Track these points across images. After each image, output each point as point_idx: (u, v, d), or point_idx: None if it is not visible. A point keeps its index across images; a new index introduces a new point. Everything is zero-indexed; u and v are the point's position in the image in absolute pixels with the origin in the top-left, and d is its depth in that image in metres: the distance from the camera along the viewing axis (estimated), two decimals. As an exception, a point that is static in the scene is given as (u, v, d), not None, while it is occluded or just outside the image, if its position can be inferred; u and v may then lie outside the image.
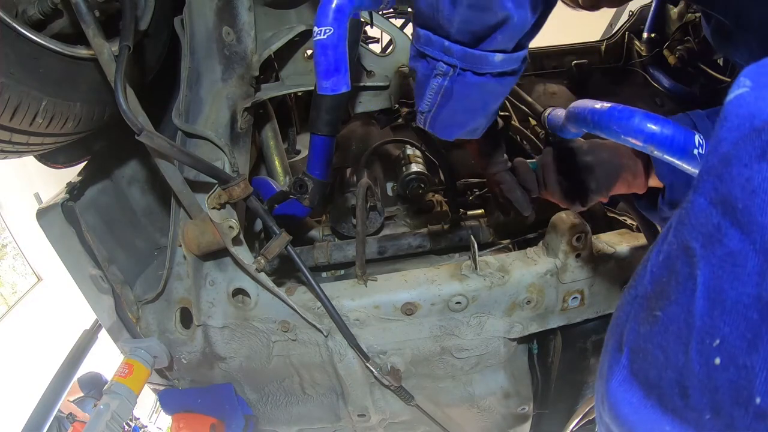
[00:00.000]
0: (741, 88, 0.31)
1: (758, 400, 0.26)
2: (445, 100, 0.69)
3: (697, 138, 0.56)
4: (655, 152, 0.58)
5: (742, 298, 0.28)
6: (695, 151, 0.56)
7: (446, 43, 0.63)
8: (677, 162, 0.57)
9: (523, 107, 1.74)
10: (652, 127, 0.58)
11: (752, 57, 0.81)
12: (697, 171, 0.58)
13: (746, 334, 0.27)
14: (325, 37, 0.75)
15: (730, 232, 0.29)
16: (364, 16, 1.09)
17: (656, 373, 0.32)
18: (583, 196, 0.90)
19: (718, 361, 0.28)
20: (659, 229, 1.03)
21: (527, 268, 1.10)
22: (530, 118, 1.74)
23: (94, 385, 4.16)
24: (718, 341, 0.28)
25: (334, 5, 0.74)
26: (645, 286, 0.35)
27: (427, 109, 0.72)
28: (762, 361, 0.26)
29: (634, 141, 0.60)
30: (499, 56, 0.64)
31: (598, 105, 0.65)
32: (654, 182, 0.89)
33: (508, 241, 1.31)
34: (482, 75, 0.66)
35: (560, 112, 0.87)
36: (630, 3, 2.55)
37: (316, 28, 0.75)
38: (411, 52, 0.70)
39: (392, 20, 1.47)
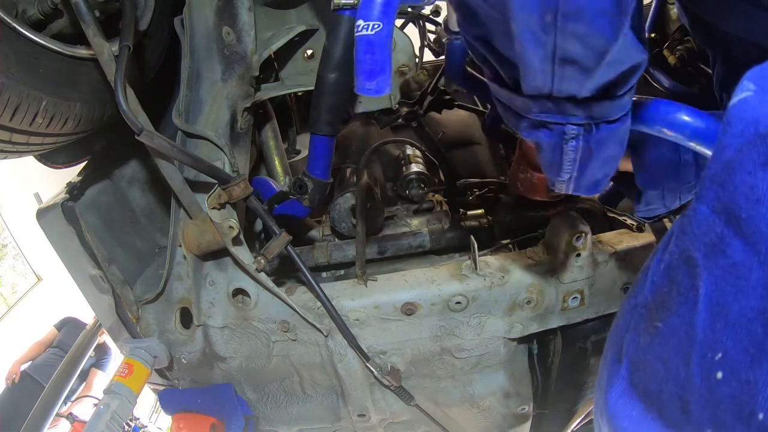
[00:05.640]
0: (745, 91, 0.30)
1: (761, 416, 0.26)
2: (585, 161, 0.62)
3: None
4: (698, 147, 0.59)
5: (746, 311, 0.27)
6: None
7: (568, 105, 0.55)
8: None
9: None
10: (696, 122, 0.58)
11: (729, 57, 0.81)
12: None
13: (749, 349, 0.26)
14: (373, 33, 0.69)
15: (733, 243, 0.28)
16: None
17: (656, 385, 0.31)
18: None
19: (720, 375, 0.27)
20: (667, 224, 1.04)
21: (527, 268, 1.10)
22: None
23: (65, 324, 4.16)
24: (720, 355, 0.28)
25: None
26: (645, 296, 0.34)
27: (568, 177, 0.66)
28: (765, 376, 0.26)
29: (675, 135, 0.60)
30: (627, 97, 0.57)
31: (636, 98, 0.65)
32: (621, 164, 0.91)
33: (508, 241, 1.31)
34: (617, 121, 0.59)
35: None
36: (630, 3, 2.55)
37: (361, 22, 0.69)
38: (520, 124, 0.62)
39: (392, 20, 1.47)
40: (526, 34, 0.48)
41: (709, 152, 0.58)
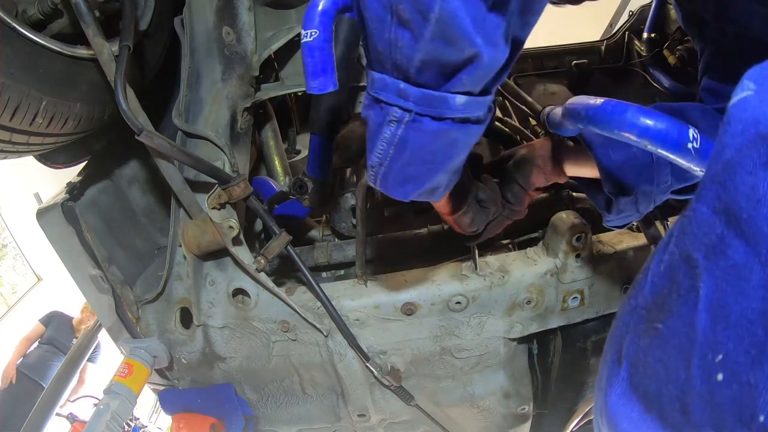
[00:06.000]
0: (745, 91, 0.30)
1: (762, 419, 0.25)
2: (398, 152, 0.60)
3: (691, 132, 0.56)
4: (649, 146, 0.58)
5: (747, 312, 0.27)
6: (689, 145, 0.56)
7: (402, 85, 0.54)
8: (671, 156, 0.57)
9: (523, 107, 1.74)
10: (646, 121, 0.57)
11: (720, 48, 0.81)
12: (691, 165, 0.57)
13: (750, 351, 0.26)
14: (311, 39, 0.75)
15: (734, 243, 0.28)
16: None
17: (656, 387, 0.31)
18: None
19: (720, 377, 0.27)
20: (660, 230, 1.03)
21: (527, 268, 1.10)
22: (530, 118, 1.74)
23: (51, 319, 4.14)
24: (720, 357, 0.27)
25: (319, 9, 0.74)
26: (645, 297, 0.34)
27: (378, 162, 0.63)
28: (766, 378, 0.26)
29: (627, 135, 0.59)
30: (461, 98, 0.54)
31: (592, 100, 0.65)
32: (575, 171, 0.90)
33: (508, 241, 1.31)
34: (442, 120, 0.56)
35: (558, 110, 0.87)
36: (630, 3, 2.55)
37: (303, 31, 0.75)
38: (364, 101, 0.61)
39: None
40: None
41: (666, 154, 0.57)
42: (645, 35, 2.28)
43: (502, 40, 0.51)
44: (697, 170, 0.58)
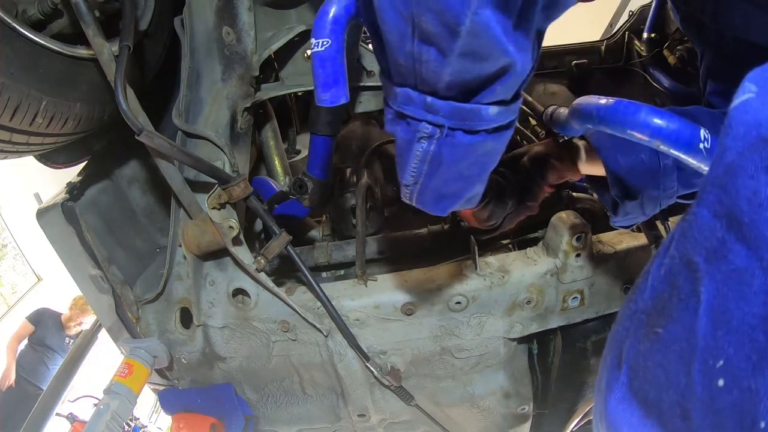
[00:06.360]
0: (746, 93, 0.29)
1: (763, 425, 0.25)
2: (433, 168, 0.58)
3: (702, 132, 0.56)
4: (661, 147, 0.58)
5: (748, 318, 0.26)
6: (701, 146, 0.56)
7: (429, 99, 0.51)
8: (683, 156, 0.57)
9: (523, 107, 1.74)
10: (658, 121, 0.57)
11: (719, 51, 0.81)
12: (701, 166, 0.57)
13: (751, 356, 0.26)
14: (322, 49, 0.72)
15: (735, 248, 0.27)
16: (364, 16, 1.09)
17: (656, 392, 0.31)
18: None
19: (721, 382, 0.27)
20: (661, 230, 1.03)
21: (527, 268, 1.10)
22: (530, 118, 1.74)
23: (40, 316, 4.13)
24: (721, 362, 0.27)
25: (330, 16, 0.71)
26: (645, 301, 0.34)
27: (413, 181, 0.60)
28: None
29: (639, 135, 0.59)
30: (494, 109, 0.52)
31: (604, 100, 0.65)
32: (589, 169, 0.91)
33: (508, 241, 1.31)
34: (475, 133, 0.54)
35: (563, 110, 0.87)
36: (630, 3, 2.55)
37: (313, 40, 0.73)
38: (387, 115, 0.59)
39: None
40: (384, 2, 0.46)
41: (678, 154, 0.57)
42: (645, 35, 2.28)
43: (531, 43, 0.49)
44: (708, 170, 0.58)
